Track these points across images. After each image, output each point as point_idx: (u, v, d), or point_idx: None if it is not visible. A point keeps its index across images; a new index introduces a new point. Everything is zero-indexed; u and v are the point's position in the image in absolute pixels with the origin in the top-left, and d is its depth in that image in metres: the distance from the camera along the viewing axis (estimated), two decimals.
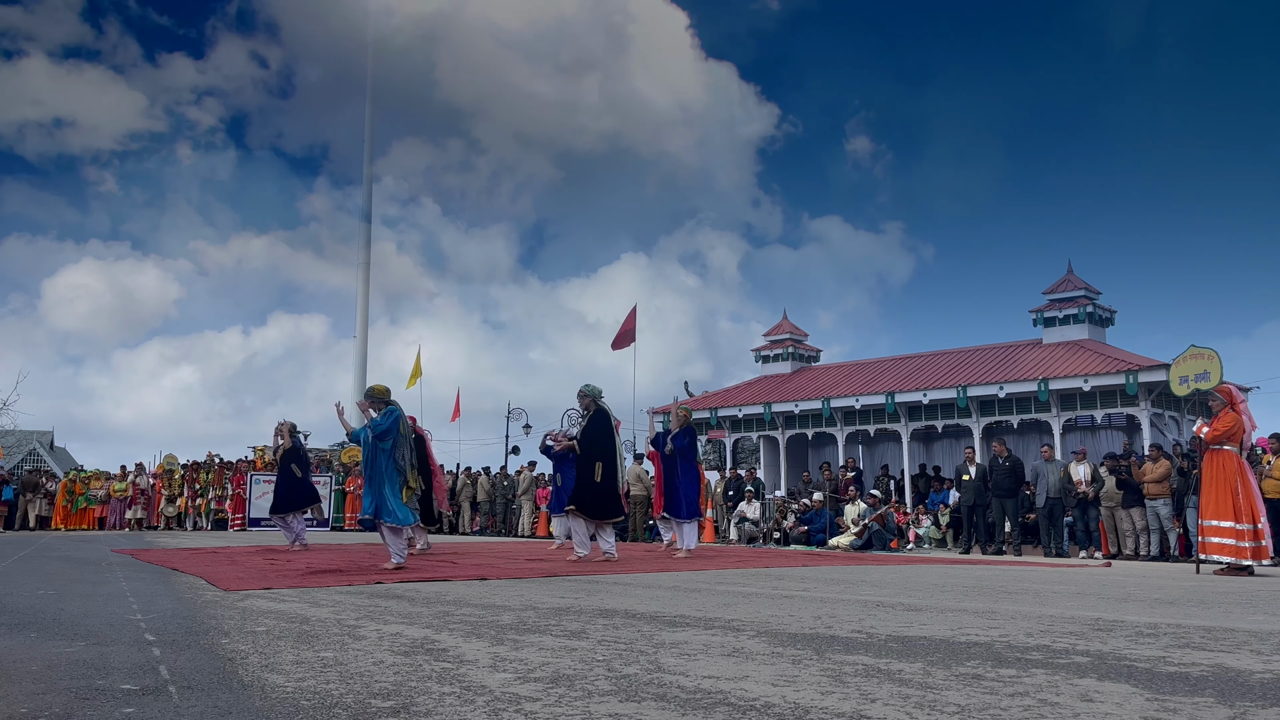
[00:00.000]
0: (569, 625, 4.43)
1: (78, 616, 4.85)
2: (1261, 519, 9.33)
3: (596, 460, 10.41)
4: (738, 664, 3.30)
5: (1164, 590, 7.12)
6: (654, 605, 5.43)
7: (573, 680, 2.99)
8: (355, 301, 40.17)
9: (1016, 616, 4.92)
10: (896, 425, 21.24)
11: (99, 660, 3.42)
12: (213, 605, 5.44)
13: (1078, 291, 20.85)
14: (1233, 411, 9.57)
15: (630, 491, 20.34)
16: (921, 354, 23.64)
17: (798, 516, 18.51)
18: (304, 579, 7.38)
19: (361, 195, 37.53)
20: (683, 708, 2.58)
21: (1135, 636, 4.09)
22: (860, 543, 16.35)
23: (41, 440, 52.50)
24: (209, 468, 25.26)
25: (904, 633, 4.18)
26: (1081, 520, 15.28)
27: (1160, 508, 13.89)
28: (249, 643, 3.83)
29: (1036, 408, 19.14)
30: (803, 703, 2.64)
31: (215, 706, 2.62)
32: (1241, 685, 2.93)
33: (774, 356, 26.09)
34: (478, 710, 2.56)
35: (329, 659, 3.40)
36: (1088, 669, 3.21)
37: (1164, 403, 18.22)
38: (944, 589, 6.82)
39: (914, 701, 2.67)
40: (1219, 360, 14.54)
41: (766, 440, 24.32)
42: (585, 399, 10.67)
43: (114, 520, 24.58)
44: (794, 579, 7.80)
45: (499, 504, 23.44)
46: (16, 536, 19.57)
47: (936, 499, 18.32)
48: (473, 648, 3.68)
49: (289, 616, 4.80)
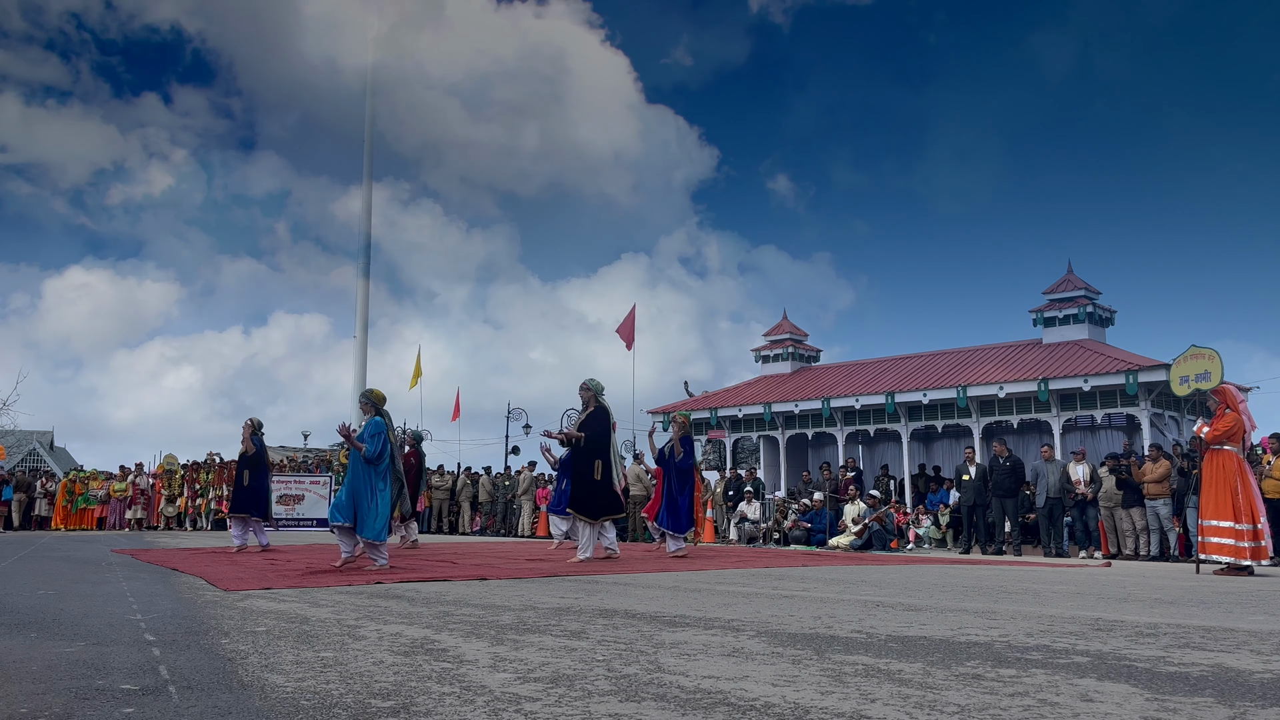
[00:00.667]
0: (569, 625, 4.43)
1: (78, 616, 4.85)
2: (1261, 519, 9.33)
3: (596, 458, 10.34)
4: (738, 664, 3.30)
5: (1164, 590, 7.12)
6: (654, 605, 5.43)
7: (573, 680, 2.99)
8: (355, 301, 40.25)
9: (1016, 616, 4.92)
10: (896, 425, 21.24)
11: (99, 660, 3.42)
12: (213, 605, 5.44)
13: (1078, 291, 20.85)
14: (1232, 412, 9.57)
15: (630, 491, 20.35)
16: (921, 354, 23.63)
17: (798, 516, 18.51)
18: (304, 579, 7.38)
19: (362, 195, 37.58)
20: (683, 708, 2.58)
21: (1135, 636, 4.09)
22: (860, 543, 16.35)
23: (41, 440, 52.52)
24: (209, 468, 25.25)
25: (904, 633, 4.18)
26: (1081, 520, 15.28)
27: (1160, 508, 13.88)
28: (249, 643, 3.83)
29: (1036, 408, 19.14)
30: (803, 703, 2.64)
31: (215, 706, 2.62)
32: (1241, 685, 2.93)
33: (774, 356, 26.09)
34: (478, 710, 2.56)
35: (329, 659, 3.40)
36: (1088, 669, 3.21)
37: (1164, 403, 18.22)
38: (944, 589, 6.82)
39: (914, 701, 2.67)
40: (1220, 360, 14.54)
41: (766, 440, 24.32)
42: (588, 392, 10.53)
43: (114, 520, 24.57)
44: (794, 579, 7.79)
45: (499, 504, 23.45)
46: (17, 536, 19.57)
47: (936, 499, 18.31)
48: (473, 648, 3.68)
49: (289, 616, 4.80)
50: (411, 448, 14.20)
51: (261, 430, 12.67)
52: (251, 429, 12.54)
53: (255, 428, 12.57)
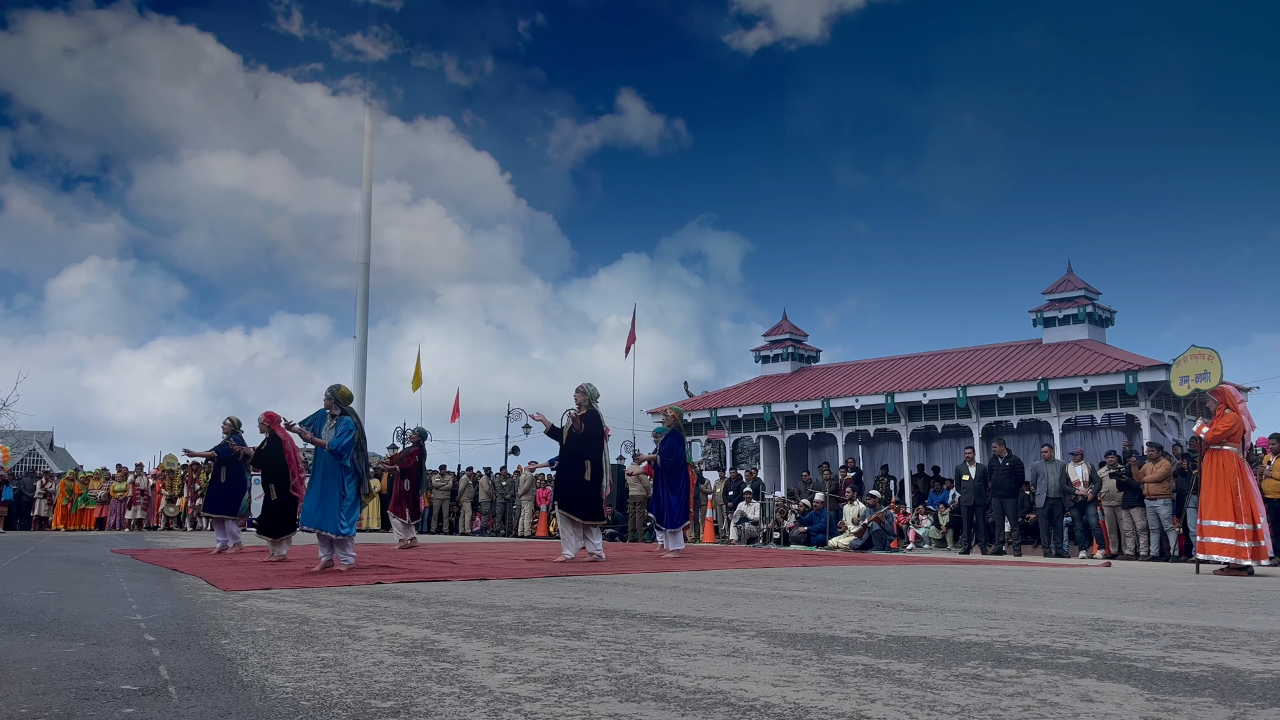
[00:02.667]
0: (569, 625, 4.43)
1: (78, 617, 4.85)
2: (1261, 519, 9.33)
3: (586, 458, 10.38)
4: (738, 664, 3.30)
5: (1164, 590, 7.12)
6: (654, 605, 5.43)
7: (573, 680, 2.99)
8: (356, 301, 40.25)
9: (1016, 616, 4.92)
10: (896, 425, 21.24)
11: (99, 660, 3.42)
12: (213, 606, 5.44)
13: (1078, 291, 20.86)
14: (1232, 412, 9.57)
15: (630, 492, 20.35)
16: (921, 354, 23.64)
17: (798, 517, 18.51)
18: (304, 579, 7.38)
19: (362, 195, 37.58)
20: (683, 708, 2.58)
21: (1135, 636, 4.09)
22: (860, 543, 16.35)
23: (41, 440, 52.52)
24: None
25: (904, 633, 4.18)
26: (1081, 520, 15.28)
27: (1160, 508, 13.88)
28: (249, 643, 3.83)
29: (1036, 408, 19.14)
30: (803, 703, 2.64)
31: (215, 707, 2.62)
32: (1241, 685, 2.93)
33: (774, 357, 26.09)
34: (478, 710, 2.56)
35: (329, 659, 3.40)
36: (1088, 669, 3.21)
37: (1164, 403, 18.22)
38: (944, 589, 6.82)
39: (914, 702, 2.67)
40: (1219, 360, 14.55)
41: (766, 440, 24.32)
42: (582, 396, 10.57)
43: (114, 520, 24.57)
44: (794, 579, 7.79)
45: (499, 504, 23.45)
46: (16, 536, 19.58)
47: (936, 499, 18.32)
48: (473, 648, 3.68)
49: (289, 617, 4.80)
50: (415, 445, 14.19)
51: (240, 429, 12.47)
52: (231, 427, 12.39)
53: (234, 427, 12.40)
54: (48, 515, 24.77)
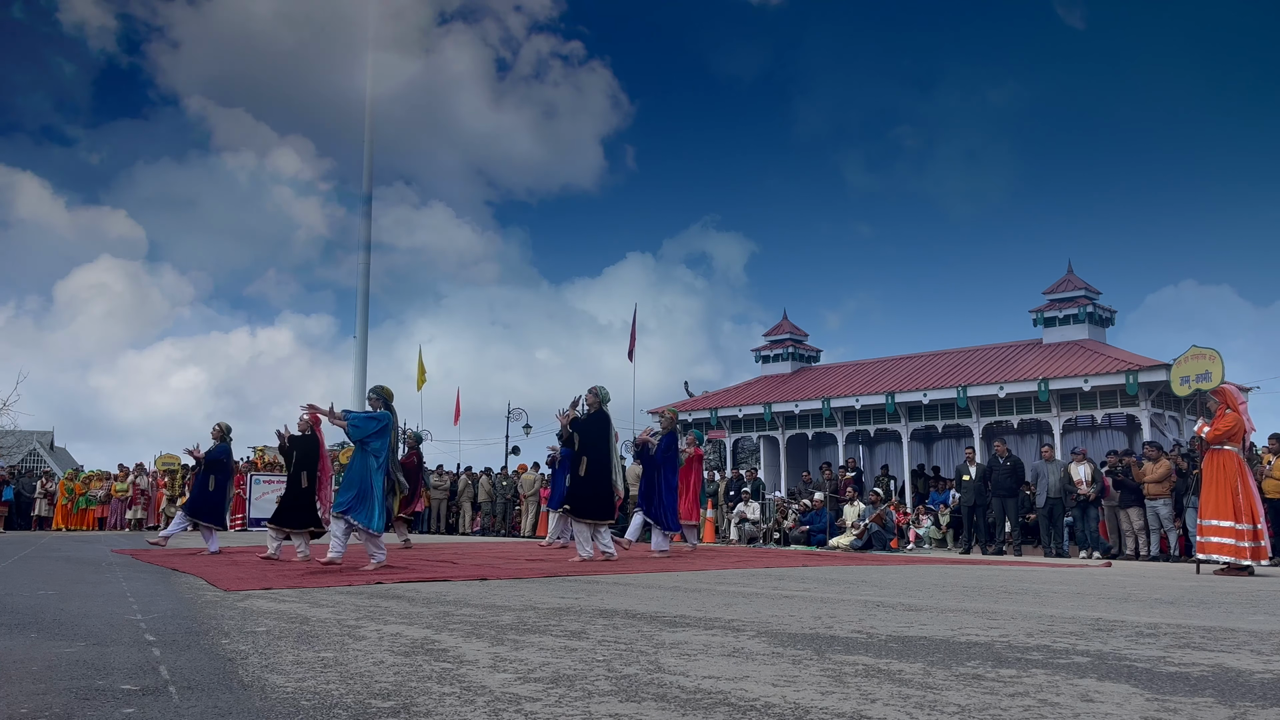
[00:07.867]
0: (569, 625, 4.43)
1: (78, 617, 4.85)
2: (1261, 519, 9.33)
3: (592, 456, 10.45)
4: (738, 664, 3.30)
5: (1164, 590, 7.12)
6: (654, 605, 5.43)
7: (573, 680, 2.99)
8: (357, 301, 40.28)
9: (1016, 616, 4.92)
10: (896, 425, 21.23)
11: (99, 660, 3.42)
12: (213, 605, 5.44)
13: (1078, 291, 20.84)
14: (1233, 412, 9.56)
15: (630, 492, 20.33)
16: (921, 354, 23.62)
17: (798, 516, 18.50)
18: (304, 579, 7.38)
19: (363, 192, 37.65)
20: (683, 708, 2.58)
21: (1135, 636, 4.09)
22: (860, 543, 16.34)
23: (41, 440, 52.47)
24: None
25: (904, 633, 4.18)
26: (1081, 520, 15.27)
27: (1160, 508, 13.87)
28: (249, 643, 3.83)
29: (1037, 408, 19.13)
30: (803, 703, 2.64)
31: (215, 707, 2.62)
32: (1241, 685, 2.93)
33: (774, 357, 26.08)
34: (478, 710, 2.56)
35: (329, 659, 3.40)
36: (1088, 669, 3.20)
37: (1164, 403, 18.21)
38: (944, 589, 6.81)
39: (914, 701, 2.67)
40: (1220, 360, 14.55)
41: (766, 440, 24.31)
42: (594, 398, 10.73)
43: (114, 520, 24.57)
44: (794, 579, 7.79)
45: (499, 504, 23.44)
46: (17, 536, 19.58)
47: (936, 499, 18.31)
48: (473, 648, 3.68)
49: (289, 617, 4.80)
50: (412, 449, 14.23)
51: (229, 435, 12.43)
52: (220, 433, 12.31)
53: (224, 432, 12.33)
54: (48, 515, 24.77)
